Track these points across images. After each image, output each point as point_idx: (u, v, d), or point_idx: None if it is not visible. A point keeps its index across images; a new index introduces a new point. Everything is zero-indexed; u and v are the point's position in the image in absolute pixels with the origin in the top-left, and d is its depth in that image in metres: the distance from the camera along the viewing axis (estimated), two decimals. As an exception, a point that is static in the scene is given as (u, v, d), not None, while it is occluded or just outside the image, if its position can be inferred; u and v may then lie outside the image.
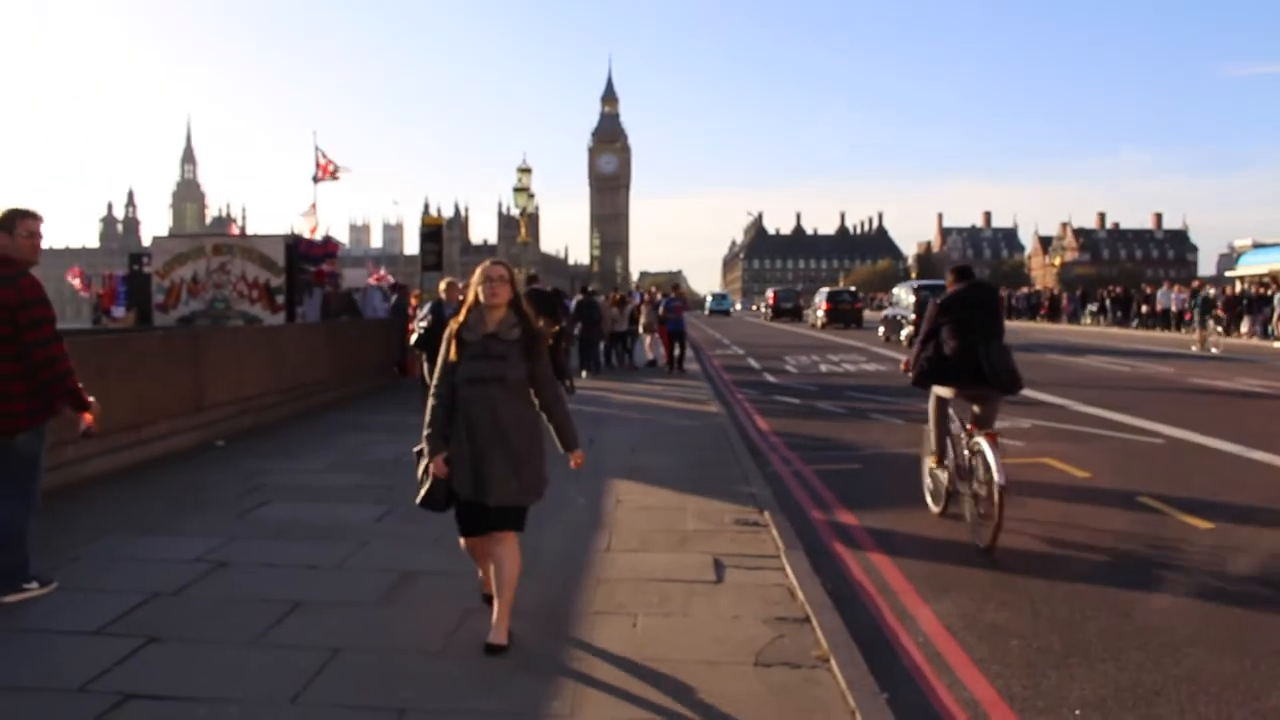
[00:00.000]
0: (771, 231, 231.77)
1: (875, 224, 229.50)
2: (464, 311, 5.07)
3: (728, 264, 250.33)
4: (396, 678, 4.64)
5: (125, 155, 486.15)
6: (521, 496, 5.01)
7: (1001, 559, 6.98)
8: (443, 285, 13.53)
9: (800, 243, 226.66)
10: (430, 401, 5.04)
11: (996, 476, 6.88)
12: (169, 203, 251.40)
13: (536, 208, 36.39)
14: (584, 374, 20.91)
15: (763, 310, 79.65)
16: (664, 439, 12.47)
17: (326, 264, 20.36)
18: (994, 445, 7.16)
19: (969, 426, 7.79)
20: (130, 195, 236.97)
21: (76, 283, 29.03)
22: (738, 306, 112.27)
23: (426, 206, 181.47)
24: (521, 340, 4.97)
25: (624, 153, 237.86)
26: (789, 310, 65.97)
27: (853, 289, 59.87)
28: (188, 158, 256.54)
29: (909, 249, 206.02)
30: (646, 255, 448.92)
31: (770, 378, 21.83)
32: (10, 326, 5.49)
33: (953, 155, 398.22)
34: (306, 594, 5.86)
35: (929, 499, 8.53)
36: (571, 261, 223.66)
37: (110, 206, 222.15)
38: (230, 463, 10.43)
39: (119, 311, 22.68)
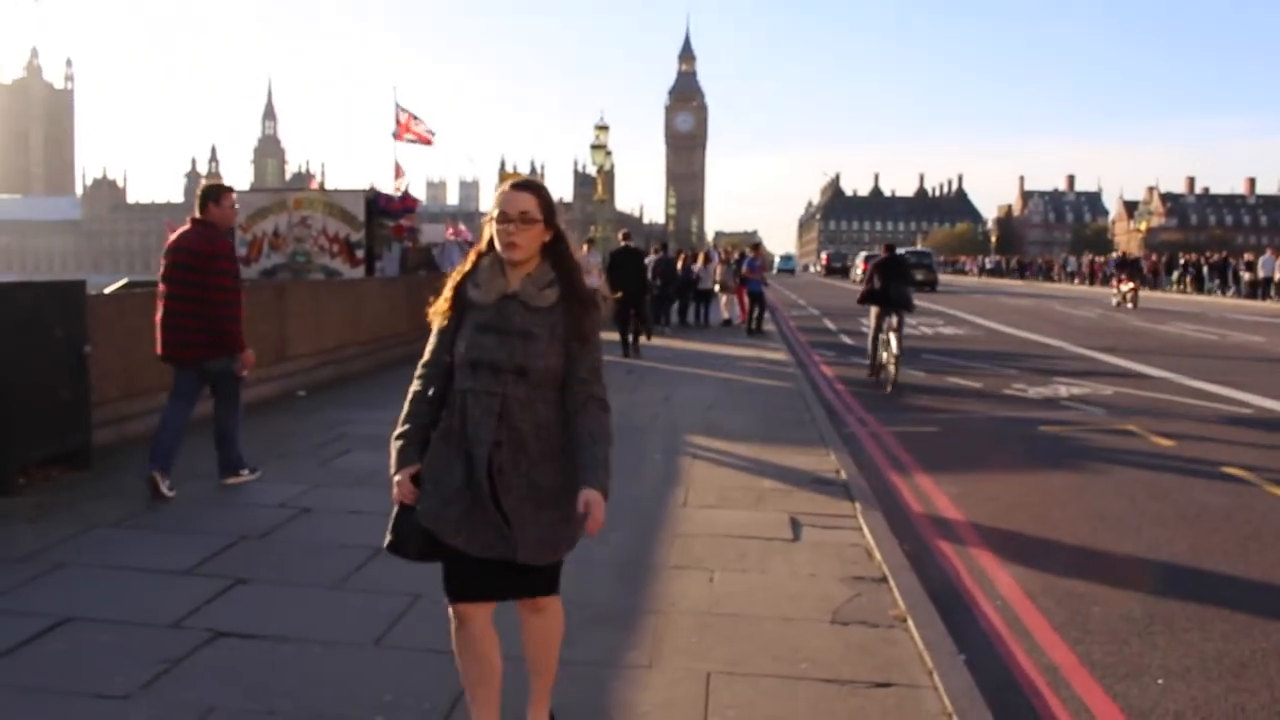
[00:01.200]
0: (849, 192, 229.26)
1: (954, 186, 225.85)
2: (472, 255, 3.26)
3: (803, 225, 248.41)
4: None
5: (208, 113, 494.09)
6: (547, 550, 3.26)
7: (1080, 527, 6.90)
8: None
9: (877, 204, 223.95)
10: (413, 385, 3.25)
11: (895, 350, 13.30)
12: (250, 158, 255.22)
13: (612, 166, 36.33)
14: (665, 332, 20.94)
15: (816, 269, 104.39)
16: (740, 397, 12.46)
17: (405, 219, 20.54)
18: (897, 334, 13.43)
19: (888, 326, 13.71)
20: (213, 151, 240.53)
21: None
22: (809, 269, 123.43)
23: (503, 164, 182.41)
24: (562, 309, 3.14)
25: (700, 111, 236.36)
26: (838, 269, 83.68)
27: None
28: (268, 114, 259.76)
29: (989, 212, 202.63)
30: (722, 215, 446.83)
31: (846, 339, 21.65)
32: (200, 274, 6.76)
33: (1036, 116, 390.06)
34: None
35: (870, 366, 14.53)
36: (646, 221, 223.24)
37: (194, 162, 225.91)
38: (312, 412, 10.64)
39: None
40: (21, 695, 3.94)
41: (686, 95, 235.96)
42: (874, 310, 14.17)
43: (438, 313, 3.20)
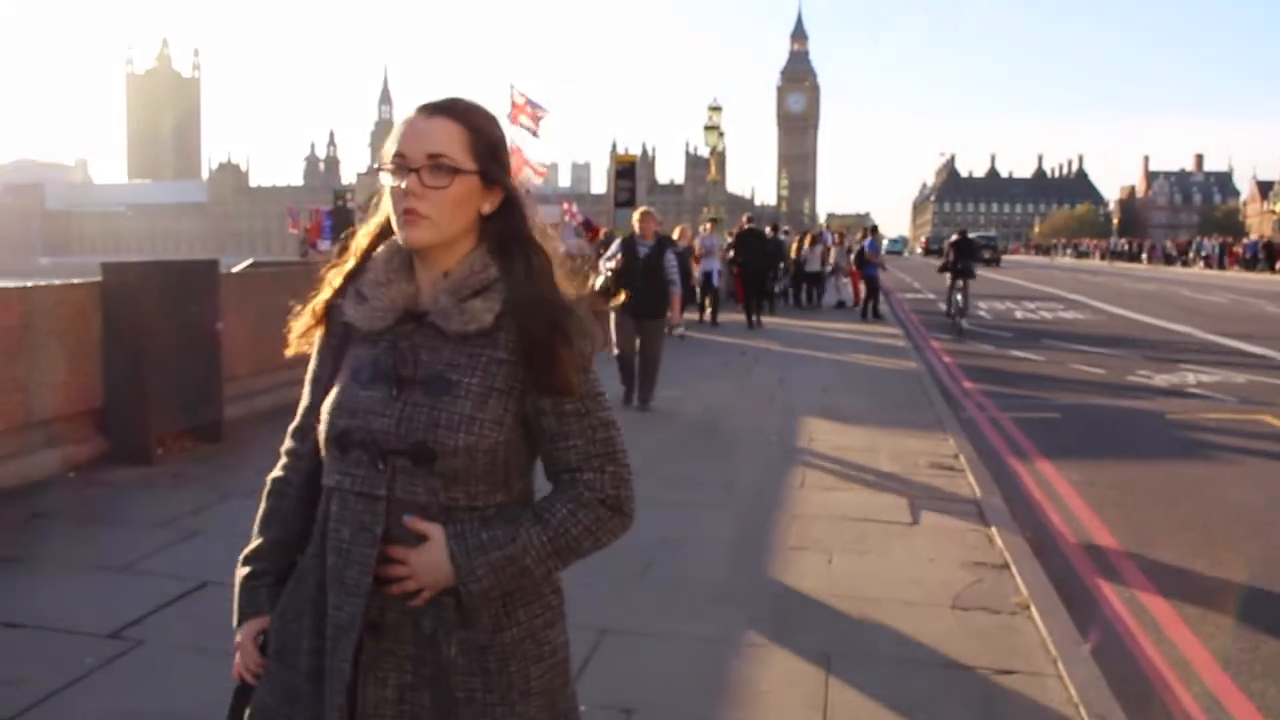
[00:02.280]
0: (964, 173, 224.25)
1: (1075, 167, 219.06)
2: (351, 248, 1.89)
3: (917, 207, 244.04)
4: (597, 600, 4.77)
5: (327, 99, 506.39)
6: None
7: (1212, 519, 6.71)
8: (636, 216, 10.36)
9: (994, 186, 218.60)
10: (274, 469, 1.94)
11: (961, 303, 19.37)
12: (367, 142, 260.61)
13: (725, 147, 36.20)
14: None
15: (918, 251, 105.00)
16: (855, 380, 12.36)
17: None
18: (963, 292, 19.42)
19: (957, 287, 19.47)
20: (331, 136, 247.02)
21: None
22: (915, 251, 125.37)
23: (614, 146, 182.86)
24: (510, 337, 1.73)
25: (812, 92, 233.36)
26: (935, 251, 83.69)
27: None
28: (384, 99, 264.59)
29: (1110, 193, 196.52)
30: (834, 197, 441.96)
31: (963, 322, 21.28)
32: None
33: (1162, 92, 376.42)
34: (510, 516, 6.09)
35: (946, 312, 20.37)
36: (758, 203, 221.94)
37: (313, 146, 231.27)
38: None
39: (325, 244, 23.77)
40: (174, 650, 4.16)
41: (798, 75, 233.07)
42: (949, 276, 19.90)
43: (299, 340, 1.90)
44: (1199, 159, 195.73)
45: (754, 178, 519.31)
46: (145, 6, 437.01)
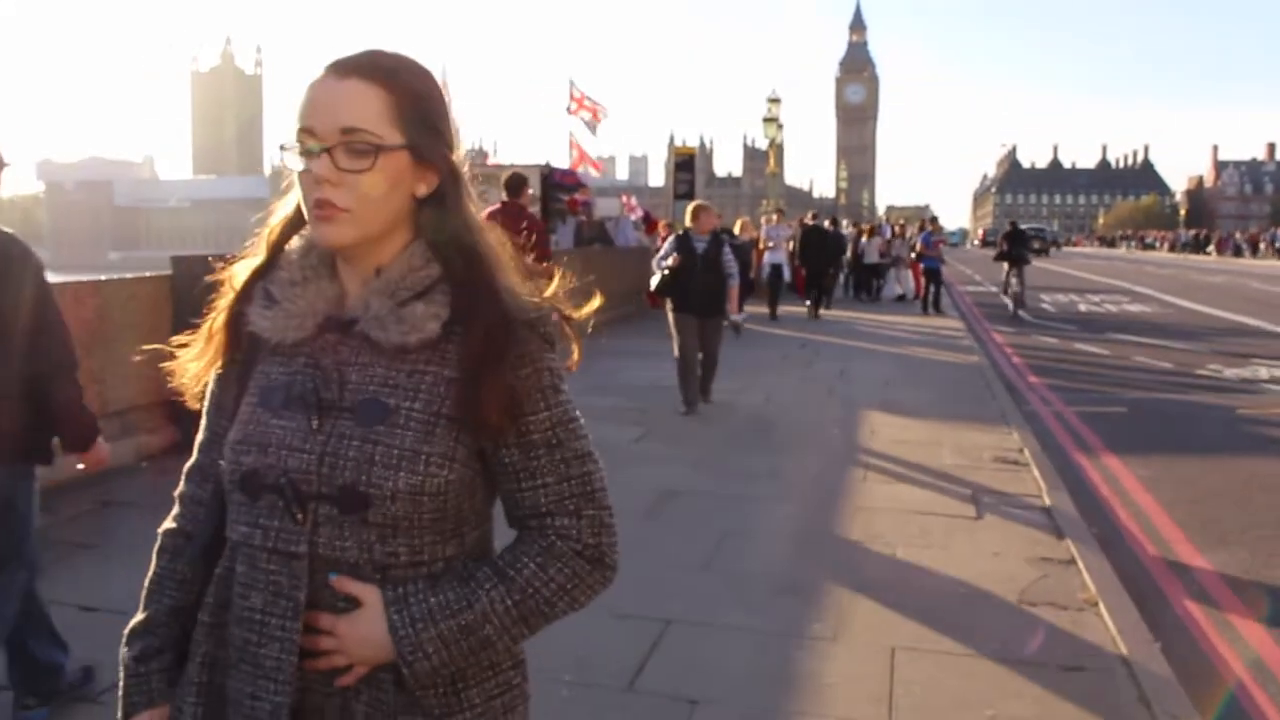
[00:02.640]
0: (1026, 164, 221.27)
1: (1139, 157, 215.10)
2: (263, 238, 1.52)
3: (978, 198, 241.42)
4: (661, 591, 4.80)
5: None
6: None
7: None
8: (690, 210, 9.61)
9: (1056, 176, 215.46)
10: (163, 527, 1.58)
11: (1016, 287, 21.13)
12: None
13: (783, 139, 35.98)
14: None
15: (975, 243, 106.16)
16: (916, 373, 12.25)
17: (579, 193, 20.83)
18: (1018, 278, 21.12)
19: (1012, 273, 21.28)
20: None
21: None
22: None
23: (672, 139, 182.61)
24: (460, 349, 1.37)
25: (871, 83, 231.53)
26: (991, 243, 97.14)
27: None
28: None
29: (1176, 184, 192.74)
30: (893, 188, 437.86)
31: (1026, 315, 21.00)
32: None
33: (1231, 81, 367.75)
34: (572, 507, 6.11)
35: (1004, 292, 22.24)
36: (816, 195, 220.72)
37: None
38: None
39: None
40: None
41: (857, 66, 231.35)
42: (1004, 264, 21.63)
43: (196, 369, 1.52)
44: (1271, 148, 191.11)
45: (812, 170, 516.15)
46: (209, 6, 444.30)
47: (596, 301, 1.59)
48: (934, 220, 23.91)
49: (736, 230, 18.43)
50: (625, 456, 7.47)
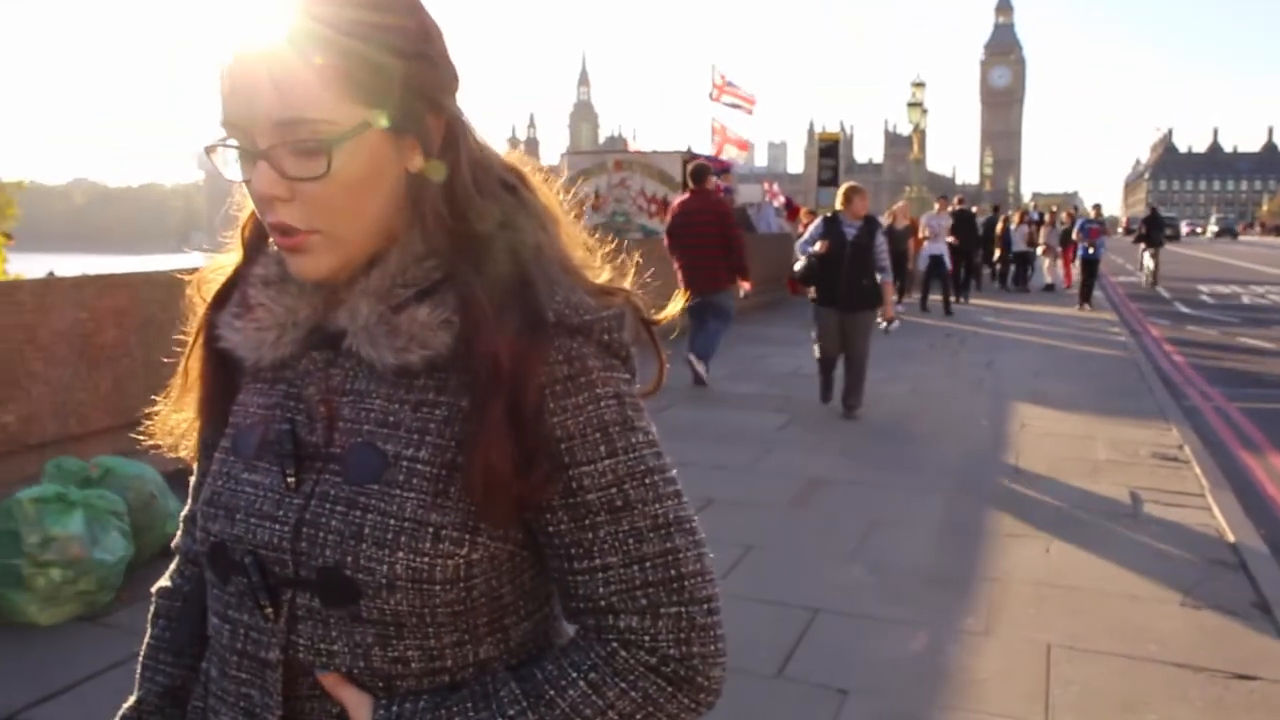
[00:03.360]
0: (1182, 149, 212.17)
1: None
2: (238, 237, 1.12)
3: (1129, 185, 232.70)
4: (808, 579, 4.78)
5: (526, 82, 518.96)
6: None
7: None
8: (842, 192, 8.67)
9: (1216, 161, 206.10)
10: (157, 585, 1.22)
11: (1152, 267, 25.30)
12: (566, 123, 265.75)
13: (926, 125, 35.29)
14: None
15: (1118, 230, 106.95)
16: (1066, 365, 11.89)
17: (721, 179, 20.77)
18: (1155, 259, 25.20)
19: (1150, 255, 25.31)
20: (531, 118, 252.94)
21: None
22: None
23: (812, 125, 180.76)
24: (462, 379, 0.95)
25: (1018, 65, 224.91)
26: (1134, 231, 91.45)
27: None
28: (582, 81, 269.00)
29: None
30: (1040, 174, 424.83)
31: (1183, 307, 20.16)
32: (721, 226, 9.25)
33: None
34: (717, 493, 6.13)
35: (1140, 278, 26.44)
36: (959, 181, 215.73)
37: (514, 129, 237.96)
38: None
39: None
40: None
41: (1003, 49, 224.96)
42: (1141, 246, 25.04)
43: (178, 423, 1.16)
44: None
45: (954, 156, 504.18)
46: None
47: (679, 302, 1.15)
48: (1096, 208, 22.53)
49: (886, 219, 17.61)
50: (769, 443, 7.47)
